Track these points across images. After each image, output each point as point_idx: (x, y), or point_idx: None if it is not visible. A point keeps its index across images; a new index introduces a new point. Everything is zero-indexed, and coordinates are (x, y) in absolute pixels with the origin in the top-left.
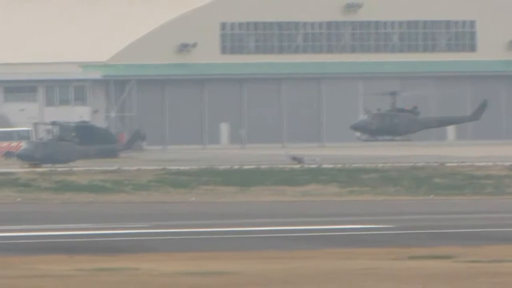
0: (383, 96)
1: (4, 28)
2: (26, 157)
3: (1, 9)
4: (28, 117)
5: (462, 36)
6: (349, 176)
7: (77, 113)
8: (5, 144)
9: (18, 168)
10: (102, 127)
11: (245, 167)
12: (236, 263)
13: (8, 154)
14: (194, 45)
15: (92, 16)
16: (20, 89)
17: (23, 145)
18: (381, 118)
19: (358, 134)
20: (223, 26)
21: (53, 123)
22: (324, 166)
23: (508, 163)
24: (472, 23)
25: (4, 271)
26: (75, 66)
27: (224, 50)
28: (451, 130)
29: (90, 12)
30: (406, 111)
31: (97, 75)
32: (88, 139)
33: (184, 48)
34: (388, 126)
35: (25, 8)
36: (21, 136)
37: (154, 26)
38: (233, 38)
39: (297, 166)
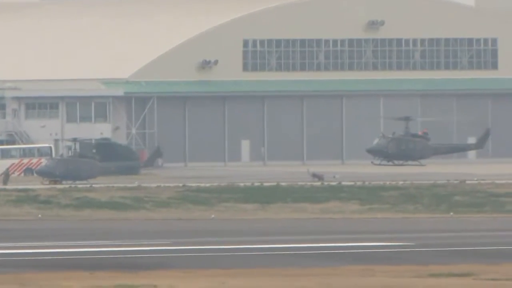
0: (398, 120)
1: (25, 45)
2: (47, 174)
3: (23, 27)
4: (49, 134)
5: (484, 53)
6: (369, 194)
7: (98, 130)
8: (25, 160)
9: (38, 185)
10: (123, 144)
11: (266, 184)
12: (256, 280)
13: (27, 171)
14: (216, 62)
15: (113, 33)
16: (41, 105)
17: (44, 161)
18: (397, 143)
19: (376, 158)
20: (245, 43)
21: (74, 140)
22: (344, 183)
23: None
24: (494, 41)
25: None
26: (96, 83)
27: (245, 67)
28: None
29: (111, 30)
30: (419, 136)
31: (118, 92)
32: (109, 156)
33: (205, 65)
34: (404, 150)
35: (47, 26)
36: (42, 152)
37: (175, 43)
38: (255, 55)
39: (318, 183)
